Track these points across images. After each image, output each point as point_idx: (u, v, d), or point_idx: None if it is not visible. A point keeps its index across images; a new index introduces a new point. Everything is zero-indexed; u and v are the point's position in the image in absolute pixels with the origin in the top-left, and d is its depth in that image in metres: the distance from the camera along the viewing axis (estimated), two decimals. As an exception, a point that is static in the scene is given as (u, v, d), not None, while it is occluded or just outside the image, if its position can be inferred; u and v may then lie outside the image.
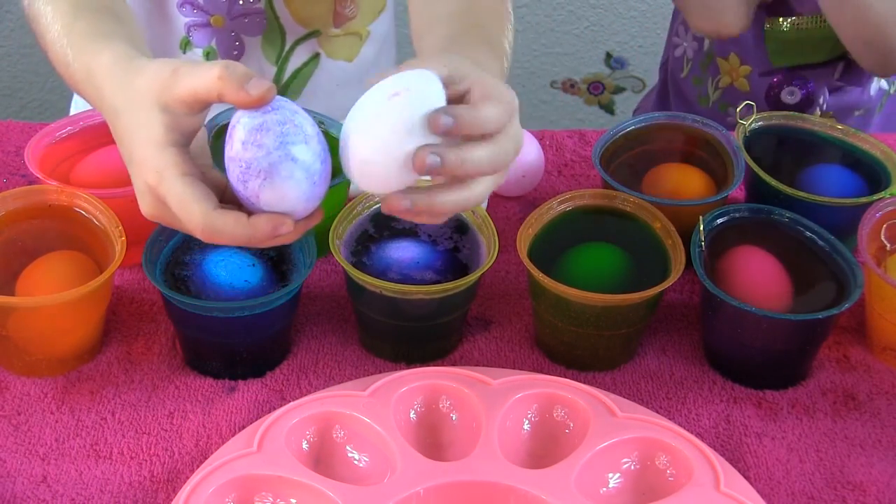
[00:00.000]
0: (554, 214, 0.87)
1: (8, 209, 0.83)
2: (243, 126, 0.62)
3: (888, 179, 0.94)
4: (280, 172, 0.62)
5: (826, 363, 0.86)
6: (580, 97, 2.26)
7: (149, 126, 0.65)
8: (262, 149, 0.62)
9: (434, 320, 0.82)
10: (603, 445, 0.74)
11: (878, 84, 1.22)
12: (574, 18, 2.16)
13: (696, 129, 0.98)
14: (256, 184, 0.62)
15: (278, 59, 1.13)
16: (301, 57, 1.14)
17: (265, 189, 0.62)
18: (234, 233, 0.63)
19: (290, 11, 1.09)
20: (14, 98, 2.21)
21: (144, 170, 0.65)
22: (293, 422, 0.74)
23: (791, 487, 0.76)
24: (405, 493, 0.70)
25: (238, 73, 0.62)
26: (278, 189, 0.62)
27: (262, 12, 1.09)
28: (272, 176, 0.62)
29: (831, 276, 0.84)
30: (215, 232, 0.63)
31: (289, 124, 0.62)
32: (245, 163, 0.62)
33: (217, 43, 1.10)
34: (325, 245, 0.82)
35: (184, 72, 0.64)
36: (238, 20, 1.09)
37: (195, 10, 1.08)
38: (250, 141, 0.62)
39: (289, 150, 0.62)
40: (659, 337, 0.87)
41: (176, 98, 0.64)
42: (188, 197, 0.63)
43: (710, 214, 0.86)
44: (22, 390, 0.80)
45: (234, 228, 0.63)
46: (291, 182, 0.62)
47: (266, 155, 0.62)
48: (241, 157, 0.62)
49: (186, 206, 0.63)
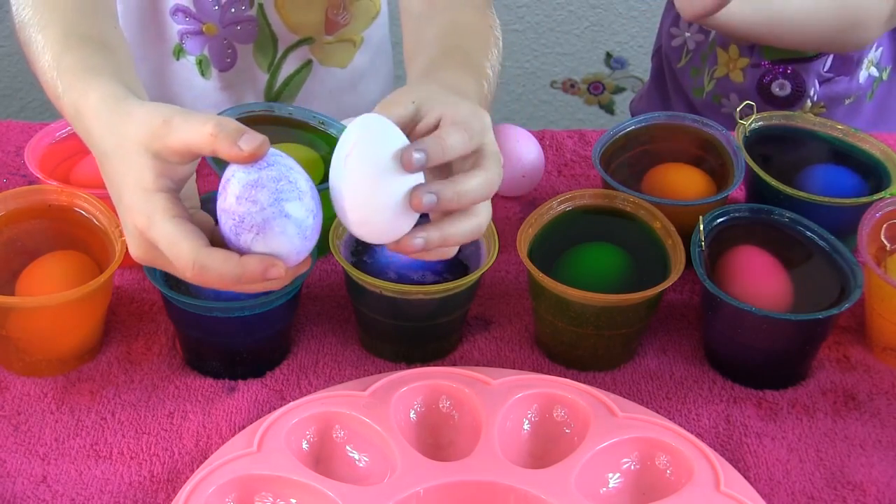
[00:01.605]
0: (554, 214, 0.87)
1: (8, 209, 0.83)
2: (238, 181, 0.62)
3: (888, 179, 0.94)
4: (273, 228, 0.62)
5: (826, 363, 0.86)
6: (580, 97, 2.26)
7: (138, 171, 0.65)
8: (257, 204, 0.62)
9: (434, 320, 0.82)
10: (603, 445, 0.74)
11: (867, 72, 1.22)
12: (574, 18, 2.16)
13: (696, 129, 0.98)
14: (249, 237, 0.63)
15: (270, 67, 1.13)
16: (293, 64, 1.14)
17: (257, 243, 0.63)
18: (222, 270, 0.62)
19: (282, 19, 1.10)
20: (14, 98, 2.21)
21: (134, 214, 0.65)
22: (293, 422, 0.74)
23: (791, 487, 0.76)
24: (405, 493, 0.70)
25: (231, 129, 0.62)
26: (270, 243, 0.63)
27: (255, 20, 1.09)
28: (265, 231, 0.62)
29: (831, 276, 0.84)
30: (204, 269, 0.62)
31: (283, 181, 0.63)
32: (238, 216, 0.62)
33: (209, 51, 1.10)
34: (325, 245, 0.82)
35: (176, 124, 0.64)
36: (230, 28, 1.09)
37: (188, 17, 1.08)
38: (245, 196, 0.62)
39: (283, 207, 0.62)
40: (659, 337, 0.88)
41: (168, 148, 0.64)
42: (178, 236, 0.63)
43: (710, 214, 0.86)
44: (22, 390, 0.80)
45: (222, 265, 0.62)
46: (284, 237, 0.63)
47: (260, 210, 0.62)
48: (234, 210, 0.62)
49: (176, 245, 0.63)
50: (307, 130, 0.95)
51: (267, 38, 1.11)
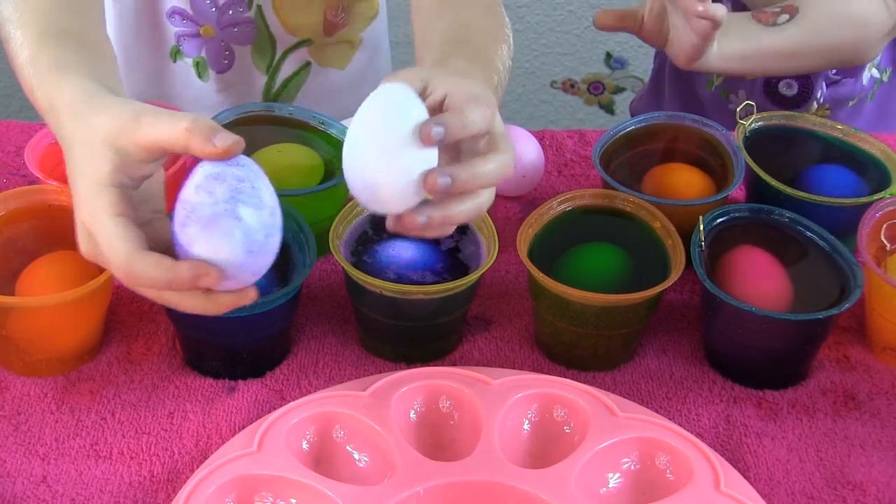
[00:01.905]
0: (554, 214, 0.87)
1: (8, 209, 0.83)
2: (202, 171, 0.62)
3: (888, 179, 0.94)
4: (219, 226, 0.61)
5: (826, 363, 0.86)
6: (580, 97, 2.26)
7: (97, 163, 0.64)
8: (212, 197, 0.61)
9: (434, 320, 0.82)
10: (603, 445, 0.74)
11: (869, 73, 1.22)
12: (574, 18, 2.16)
13: (696, 129, 0.98)
14: (193, 231, 0.61)
15: (269, 68, 1.13)
16: (292, 66, 1.14)
17: (200, 240, 0.61)
18: (153, 275, 0.61)
19: (281, 21, 1.09)
20: (14, 98, 2.21)
21: (82, 206, 0.64)
22: (293, 422, 0.74)
23: (791, 487, 0.76)
24: (405, 493, 0.70)
25: (205, 126, 0.62)
26: (213, 242, 0.61)
27: (253, 22, 1.09)
28: (211, 227, 0.61)
29: (831, 276, 0.84)
30: (135, 274, 0.61)
31: (247, 183, 0.62)
32: (191, 206, 0.61)
33: (207, 52, 1.10)
34: (325, 245, 0.82)
35: (148, 121, 0.63)
36: (228, 30, 1.09)
37: (185, 20, 1.08)
38: (203, 186, 0.61)
39: (236, 208, 0.61)
40: (659, 337, 0.87)
41: (135, 143, 0.63)
42: (114, 236, 0.62)
43: (710, 214, 0.86)
44: (22, 390, 0.80)
45: (153, 270, 0.61)
46: (227, 241, 0.61)
47: (213, 204, 0.61)
48: (189, 199, 0.62)
49: (111, 244, 0.62)
50: (307, 130, 0.95)
51: (265, 40, 1.11)
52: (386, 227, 0.66)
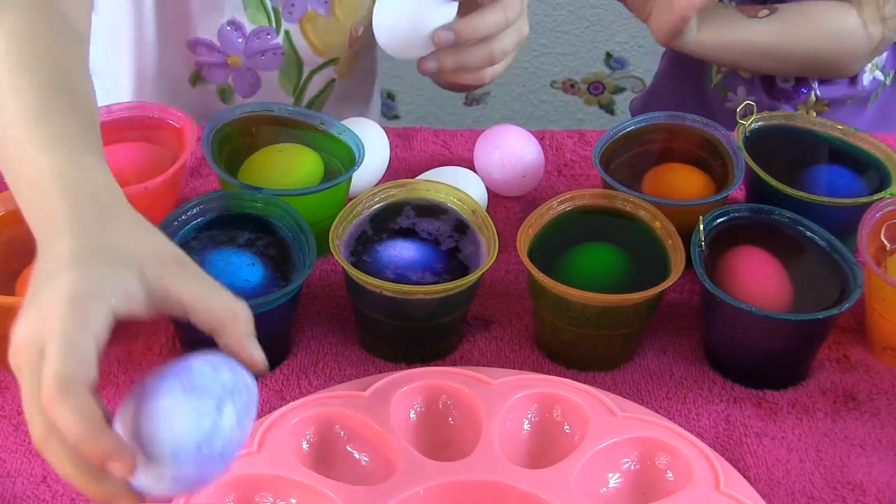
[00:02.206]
0: (554, 214, 0.87)
1: (8, 209, 0.83)
2: (221, 353, 0.59)
3: (888, 179, 0.94)
4: (199, 398, 0.56)
5: (826, 363, 0.86)
6: (580, 97, 2.26)
7: (108, 282, 0.56)
8: (214, 375, 0.57)
9: (434, 320, 0.82)
10: (603, 445, 0.74)
11: (871, 75, 1.22)
12: (574, 18, 2.16)
13: (696, 129, 0.98)
14: (171, 385, 0.56)
15: (295, 90, 1.12)
16: (318, 85, 1.13)
17: (169, 397, 0.55)
18: (73, 416, 0.52)
19: (309, 44, 1.09)
20: (14, 98, 2.20)
21: (53, 313, 0.55)
22: (293, 422, 0.74)
23: (791, 487, 0.76)
24: (405, 493, 0.70)
25: (250, 326, 0.59)
26: (179, 409, 0.55)
27: (281, 47, 1.08)
28: (190, 393, 0.55)
29: (831, 276, 0.84)
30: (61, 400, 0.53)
31: (249, 398, 0.59)
32: (186, 365, 0.57)
33: (234, 80, 1.10)
34: (325, 245, 0.82)
35: (189, 271, 0.59)
36: (255, 58, 1.08)
37: (212, 51, 1.07)
38: (212, 361, 0.58)
39: (226, 400, 0.57)
40: (659, 337, 0.87)
41: (167, 292, 0.58)
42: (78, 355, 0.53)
43: (710, 214, 0.86)
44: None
45: (80, 412, 0.52)
46: (194, 418, 0.55)
47: (210, 379, 0.57)
48: (188, 360, 0.58)
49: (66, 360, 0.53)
50: (307, 130, 0.95)
51: (292, 63, 1.10)
52: None
